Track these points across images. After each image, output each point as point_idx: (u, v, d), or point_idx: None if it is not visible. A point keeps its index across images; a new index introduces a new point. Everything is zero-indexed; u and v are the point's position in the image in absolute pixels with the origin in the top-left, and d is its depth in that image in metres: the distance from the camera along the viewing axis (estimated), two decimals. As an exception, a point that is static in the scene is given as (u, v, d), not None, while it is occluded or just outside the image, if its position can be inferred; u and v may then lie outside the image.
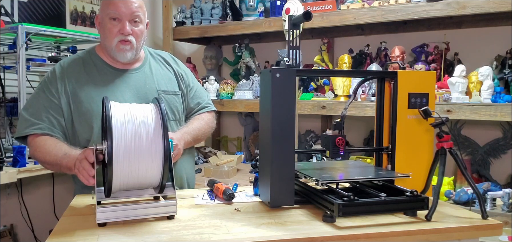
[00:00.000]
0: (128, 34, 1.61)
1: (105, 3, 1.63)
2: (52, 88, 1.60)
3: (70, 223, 1.21)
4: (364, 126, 3.00)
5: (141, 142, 1.21)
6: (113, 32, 1.60)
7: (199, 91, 1.86)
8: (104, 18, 1.62)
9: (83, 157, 1.29)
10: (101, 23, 1.64)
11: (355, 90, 1.62)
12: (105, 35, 1.63)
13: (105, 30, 1.62)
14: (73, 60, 1.69)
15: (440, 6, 2.29)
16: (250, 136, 3.55)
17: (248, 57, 3.29)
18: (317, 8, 2.70)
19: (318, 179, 1.28)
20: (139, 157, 1.21)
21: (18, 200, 2.77)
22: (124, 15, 1.60)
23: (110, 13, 1.60)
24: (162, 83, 1.71)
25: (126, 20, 1.60)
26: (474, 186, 1.32)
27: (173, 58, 1.85)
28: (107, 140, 1.18)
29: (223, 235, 1.13)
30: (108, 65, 1.67)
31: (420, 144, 1.46)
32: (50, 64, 2.66)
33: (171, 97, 1.72)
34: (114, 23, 1.60)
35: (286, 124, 1.32)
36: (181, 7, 3.40)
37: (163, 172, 1.24)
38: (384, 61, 2.76)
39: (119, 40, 1.61)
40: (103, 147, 1.24)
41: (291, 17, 1.39)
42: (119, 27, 1.60)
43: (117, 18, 1.60)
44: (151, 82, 1.69)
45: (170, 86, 1.74)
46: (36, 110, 1.59)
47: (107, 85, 1.63)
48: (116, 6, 1.59)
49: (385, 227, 1.19)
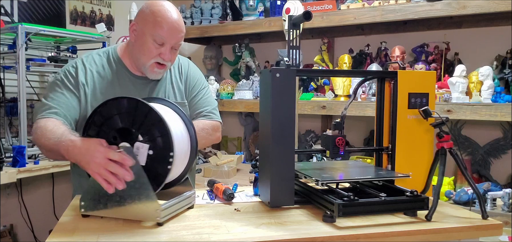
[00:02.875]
0: (168, 60, 1.58)
1: (152, 21, 1.53)
2: (73, 81, 1.57)
3: (70, 223, 1.21)
4: (364, 126, 3.00)
5: (183, 143, 1.30)
6: (152, 53, 1.55)
7: (204, 100, 1.80)
8: (146, 35, 1.54)
9: (105, 156, 1.14)
10: (140, 36, 1.56)
11: (355, 90, 1.62)
12: (142, 51, 1.56)
13: (143, 45, 1.55)
14: (94, 58, 1.66)
15: (440, 6, 2.29)
16: (250, 136, 3.55)
17: (248, 57, 3.29)
18: (317, 8, 2.70)
19: (318, 179, 1.28)
20: (181, 156, 1.28)
21: (18, 200, 2.77)
22: (169, 42, 1.55)
23: (155, 35, 1.53)
24: (171, 95, 1.70)
25: (169, 46, 1.56)
26: (474, 186, 1.32)
27: (189, 64, 1.81)
28: (160, 138, 1.19)
29: (223, 235, 1.13)
30: (127, 71, 1.64)
31: (420, 144, 1.46)
32: (49, 64, 2.67)
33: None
34: (157, 45, 1.54)
35: (286, 124, 1.32)
36: (181, 7, 3.40)
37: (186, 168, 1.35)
38: (384, 61, 2.76)
39: (156, 62, 1.57)
40: (124, 146, 1.18)
41: (291, 17, 1.38)
42: (160, 51, 1.55)
43: (161, 43, 1.54)
44: (162, 92, 1.68)
45: (179, 96, 1.72)
46: (55, 96, 1.54)
47: (122, 89, 1.61)
48: (164, 32, 1.52)
49: (385, 227, 1.19)
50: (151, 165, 1.20)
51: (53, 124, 1.44)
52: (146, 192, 1.17)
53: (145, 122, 1.20)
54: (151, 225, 1.19)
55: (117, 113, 1.22)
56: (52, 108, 1.52)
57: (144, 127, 1.20)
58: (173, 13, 1.55)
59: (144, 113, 1.20)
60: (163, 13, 1.53)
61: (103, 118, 1.23)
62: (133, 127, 1.21)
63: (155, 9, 1.54)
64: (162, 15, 1.52)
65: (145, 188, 1.17)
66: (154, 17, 1.52)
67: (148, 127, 1.20)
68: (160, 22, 1.52)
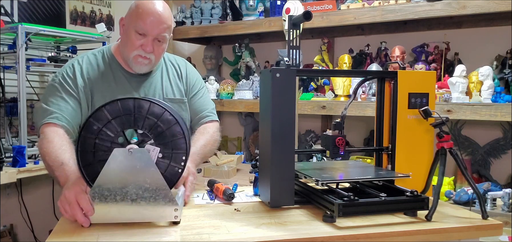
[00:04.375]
0: (149, 52, 1.59)
1: (134, 13, 1.57)
2: (72, 83, 1.59)
3: (70, 223, 1.20)
4: (364, 126, 3.00)
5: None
6: (135, 44, 1.58)
7: (204, 100, 1.83)
8: (130, 27, 1.58)
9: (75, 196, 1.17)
10: (126, 29, 1.61)
11: (355, 90, 1.62)
12: (126, 44, 1.60)
13: (127, 38, 1.59)
14: (90, 58, 1.68)
15: (440, 6, 2.29)
16: (250, 136, 3.55)
17: (248, 57, 3.29)
18: (317, 8, 2.70)
19: (318, 179, 1.28)
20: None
21: (18, 200, 2.77)
22: (151, 33, 1.57)
23: (137, 27, 1.56)
24: (169, 91, 1.72)
25: (151, 38, 1.58)
26: (474, 186, 1.32)
27: (186, 65, 1.84)
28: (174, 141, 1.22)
29: (223, 235, 1.13)
30: (122, 68, 1.67)
31: (420, 144, 1.46)
32: (49, 64, 2.66)
33: (177, 105, 1.73)
34: (139, 37, 1.57)
35: (286, 124, 1.32)
36: (181, 7, 3.40)
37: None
38: (384, 61, 2.76)
39: (139, 54, 1.59)
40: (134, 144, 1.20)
41: (291, 17, 1.38)
42: (142, 42, 1.58)
43: (143, 34, 1.57)
44: (159, 89, 1.70)
45: (178, 94, 1.74)
46: (55, 101, 1.56)
47: (119, 87, 1.63)
48: (145, 23, 1.55)
49: (385, 227, 1.19)
50: (165, 167, 1.23)
51: (59, 141, 1.46)
52: (163, 193, 1.18)
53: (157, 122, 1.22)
54: (152, 225, 1.19)
55: (124, 114, 1.22)
56: (53, 113, 1.54)
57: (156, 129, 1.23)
58: (156, 5, 1.56)
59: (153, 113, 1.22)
60: (145, 5, 1.55)
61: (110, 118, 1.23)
62: (142, 128, 1.22)
63: (139, 2, 1.57)
64: (144, 7, 1.55)
65: (163, 189, 1.18)
66: (136, 9, 1.56)
67: (160, 128, 1.22)
68: (141, 13, 1.55)
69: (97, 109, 1.20)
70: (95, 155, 1.20)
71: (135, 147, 1.18)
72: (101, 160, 1.19)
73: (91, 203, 1.15)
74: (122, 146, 1.20)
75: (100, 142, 1.20)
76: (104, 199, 1.16)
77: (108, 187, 1.16)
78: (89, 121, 1.20)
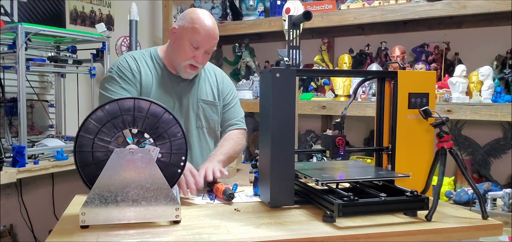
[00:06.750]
0: (200, 63, 1.72)
1: (190, 28, 1.68)
2: (129, 74, 1.71)
3: (70, 223, 1.20)
4: (364, 126, 3.00)
5: None
6: (188, 55, 1.70)
7: (235, 110, 1.96)
8: (184, 39, 1.69)
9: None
10: (178, 38, 1.71)
11: (355, 90, 1.62)
12: (178, 52, 1.72)
13: (179, 47, 1.71)
14: (140, 54, 1.80)
15: (440, 6, 2.29)
16: (250, 136, 3.55)
17: (248, 57, 3.29)
18: (317, 8, 2.70)
19: (318, 179, 1.28)
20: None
21: (18, 200, 2.77)
22: (204, 47, 1.70)
23: (192, 40, 1.68)
24: (203, 93, 1.84)
25: (203, 50, 1.70)
26: (474, 186, 1.32)
27: (223, 75, 1.96)
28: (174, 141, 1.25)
29: (223, 235, 1.13)
30: (167, 70, 1.78)
31: (420, 144, 1.46)
32: (49, 64, 2.66)
33: (209, 107, 1.84)
34: (192, 49, 1.69)
35: (286, 124, 1.32)
36: (181, 7, 3.40)
37: None
38: (384, 61, 2.76)
39: (190, 64, 1.71)
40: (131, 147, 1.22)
41: (291, 17, 1.38)
42: (194, 54, 1.70)
43: (196, 47, 1.69)
44: (195, 91, 1.82)
45: (211, 96, 1.86)
46: (115, 89, 1.68)
47: (162, 87, 1.75)
48: (201, 37, 1.68)
49: (385, 227, 1.19)
50: (164, 167, 1.23)
51: None
52: (164, 192, 1.18)
53: (158, 125, 1.23)
54: (152, 225, 1.19)
55: (128, 114, 1.23)
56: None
57: (156, 130, 1.23)
58: (210, 21, 1.71)
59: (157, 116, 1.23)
60: (201, 21, 1.69)
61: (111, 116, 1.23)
62: (143, 128, 1.23)
63: (194, 16, 1.70)
64: (200, 23, 1.68)
65: (164, 188, 1.18)
66: (192, 23, 1.69)
67: (160, 130, 1.23)
68: (198, 29, 1.68)
69: (97, 109, 1.20)
70: (93, 155, 1.20)
71: (135, 147, 1.18)
72: (99, 161, 1.19)
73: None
74: (122, 146, 1.20)
75: (99, 142, 1.20)
76: (105, 201, 1.16)
77: (109, 188, 1.16)
78: (88, 121, 1.19)
